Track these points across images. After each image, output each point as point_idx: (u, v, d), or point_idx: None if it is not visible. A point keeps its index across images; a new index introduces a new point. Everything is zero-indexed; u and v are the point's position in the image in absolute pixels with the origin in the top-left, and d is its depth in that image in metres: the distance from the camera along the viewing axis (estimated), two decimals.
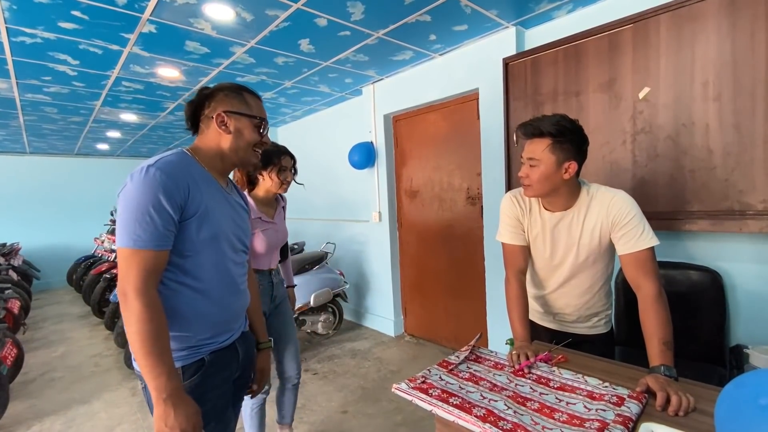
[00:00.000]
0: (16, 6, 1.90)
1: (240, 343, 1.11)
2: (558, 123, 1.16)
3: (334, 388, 2.67)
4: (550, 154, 1.17)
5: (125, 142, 5.69)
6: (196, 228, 0.95)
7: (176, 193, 0.90)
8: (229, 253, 1.04)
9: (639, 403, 0.89)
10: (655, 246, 1.14)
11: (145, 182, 0.87)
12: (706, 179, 1.66)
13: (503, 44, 2.46)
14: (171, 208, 0.89)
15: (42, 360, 3.41)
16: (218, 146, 1.03)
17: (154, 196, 0.87)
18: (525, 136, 1.22)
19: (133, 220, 0.86)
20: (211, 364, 1.00)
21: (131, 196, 0.87)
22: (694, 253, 1.89)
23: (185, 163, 0.97)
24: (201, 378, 0.98)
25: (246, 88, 1.07)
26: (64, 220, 6.61)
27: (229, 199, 1.07)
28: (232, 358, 1.08)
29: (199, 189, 0.95)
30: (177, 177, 0.91)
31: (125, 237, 0.86)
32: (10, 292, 3.64)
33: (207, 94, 1.04)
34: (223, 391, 1.05)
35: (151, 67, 2.78)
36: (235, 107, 1.02)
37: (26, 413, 2.53)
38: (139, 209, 0.86)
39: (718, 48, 1.59)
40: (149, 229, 0.86)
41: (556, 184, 1.20)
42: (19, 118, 4.08)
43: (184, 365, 0.97)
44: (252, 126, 1.05)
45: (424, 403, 0.96)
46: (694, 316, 1.77)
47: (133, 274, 0.86)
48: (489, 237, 2.73)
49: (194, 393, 0.95)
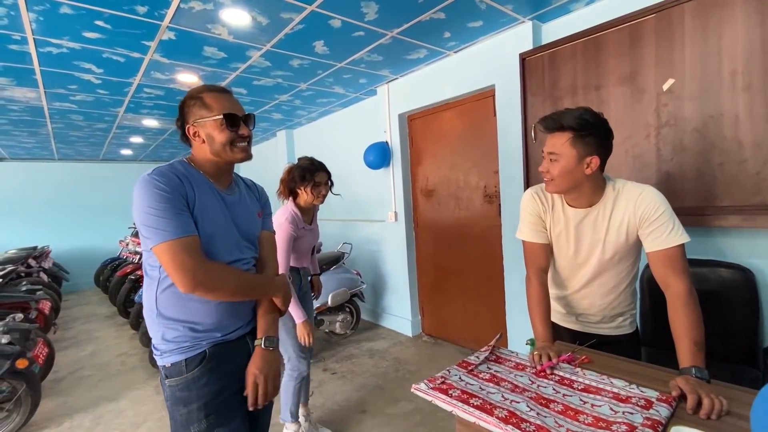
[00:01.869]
0: (42, 18, 1.97)
1: (251, 336, 1.14)
2: (580, 117, 1.13)
3: (353, 388, 2.67)
4: (571, 148, 1.13)
5: (147, 147, 5.85)
6: (197, 223, 1.00)
7: (178, 188, 0.97)
8: (229, 250, 1.08)
9: (668, 406, 0.85)
10: (686, 243, 1.10)
11: (158, 186, 0.94)
12: (737, 173, 1.59)
13: (519, 39, 2.42)
14: (180, 203, 0.96)
15: (71, 359, 3.54)
16: (205, 155, 1.07)
17: (164, 196, 0.94)
18: (546, 130, 1.19)
19: (159, 217, 0.92)
20: (212, 356, 1.03)
21: (142, 203, 0.93)
22: (724, 249, 1.82)
23: (180, 168, 1.03)
24: (202, 371, 1.01)
25: (207, 88, 1.07)
26: (90, 223, 6.85)
27: (226, 200, 1.10)
28: (240, 353, 1.10)
29: (193, 189, 1.01)
30: (171, 177, 0.98)
31: (159, 234, 0.92)
32: (42, 293, 3.79)
33: (179, 109, 1.08)
34: (227, 384, 1.06)
35: (170, 73, 2.85)
36: (198, 115, 1.04)
37: (57, 410, 2.63)
38: (158, 209, 0.93)
39: (746, 36, 1.52)
40: (180, 220, 0.94)
41: (577, 179, 1.17)
42: (47, 126, 4.25)
43: (187, 358, 1.01)
44: (219, 126, 1.03)
45: (444, 403, 0.95)
46: (726, 315, 1.70)
47: (186, 261, 0.93)
48: (507, 235, 2.69)
49: (196, 385, 1.00)
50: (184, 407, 1.01)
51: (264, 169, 5.55)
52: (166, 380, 1.02)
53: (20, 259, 4.67)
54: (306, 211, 1.99)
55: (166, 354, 1.02)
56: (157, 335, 1.03)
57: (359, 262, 4.19)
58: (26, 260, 4.82)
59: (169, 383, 1.02)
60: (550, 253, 1.33)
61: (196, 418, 1.01)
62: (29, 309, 3.38)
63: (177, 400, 1.02)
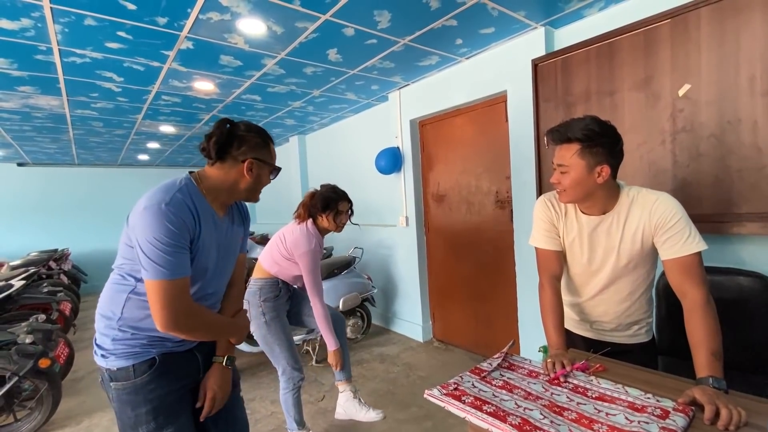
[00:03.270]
0: (68, 29, 2.05)
1: (199, 350, 1.16)
2: (586, 127, 1.13)
3: (364, 393, 2.67)
4: (580, 159, 1.13)
5: (163, 152, 5.99)
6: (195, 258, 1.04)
7: (188, 224, 1.00)
8: (211, 278, 1.14)
9: (686, 417, 0.84)
10: (703, 251, 1.09)
11: (168, 218, 0.96)
12: (756, 179, 1.56)
13: (532, 45, 2.42)
14: (185, 240, 1.00)
15: (90, 359, 3.60)
16: (235, 183, 1.12)
17: (173, 232, 0.96)
18: (554, 142, 1.19)
19: (161, 254, 0.95)
20: (162, 363, 1.06)
21: (148, 233, 0.94)
22: (743, 257, 1.78)
23: (190, 196, 1.04)
24: (151, 376, 1.04)
25: (271, 138, 1.19)
26: (108, 226, 7.01)
27: (220, 228, 1.14)
28: (188, 365, 1.14)
29: (199, 224, 1.04)
30: (186, 212, 1.00)
31: (157, 270, 0.95)
32: (62, 295, 3.89)
33: (238, 135, 1.11)
34: (173, 389, 1.08)
35: (188, 81, 2.93)
36: (263, 156, 1.15)
37: (76, 409, 2.69)
38: (164, 244, 0.95)
39: (765, 40, 1.50)
40: (180, 260, 0.97)
41: (589, 188, 1.17)
42: (69, 133, 4.38)
43: (135, 363, 1.03)
44: (269, 173, 1.19)
45: (457, 409, 0.95)
46: (744, 324, 1.66)
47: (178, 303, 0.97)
48: (519, 241, 2.67)
49: (143, 389, 1.02)
50: (132, 410, 1.03)
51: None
52: (111, 383, 1.03)
53: (42, 261, 4.80)
54: (323, 235, 2.05)
55: (113, 357, 1.03)
56: (106, 337, 1.04)
57: (370, 267, 4.20)
58: (47, 262, 4.96)
59: (115, 386, 1.03)
60: (564, 260, 1.32)
61: (144, 420, 1.03)
62: (50, 310, 3.47)
63: (124, 403, 1.03)
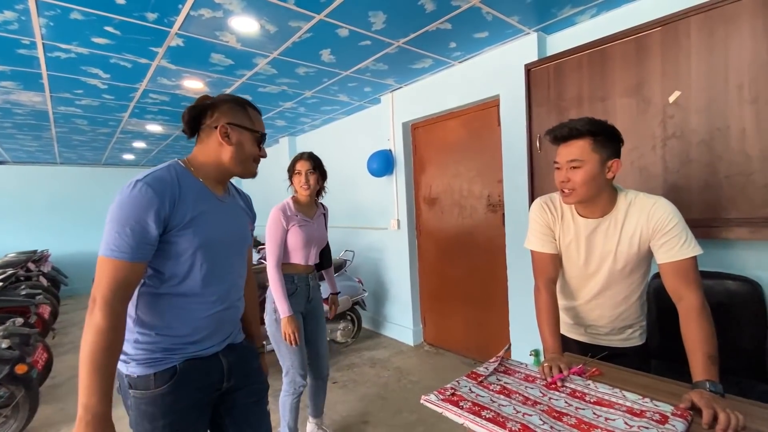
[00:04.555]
0: (53, 23, 1.99)
1: (225, 354, 1.10)
2: (592, 122, 1.14)
3: (355, 398, 2.64)
4: (593, 153, 1.13)
5: (150, 152, 5.86)
6: (182, 239, 0.97)
7: (160, 207, 0.92)
8: (223, 262, 1.07)
9: (685, 421, 0.84)
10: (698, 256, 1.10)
11: (131, 197, 0.90)
12: (744, 185, 1.59)
13: (525, 50, 2.44)
14: (153, 222, 0.91)
15: (70, 364, 3.50)
16: (218, 157, 1.05)
17: (137, 211, 0.89)
18: (559, 140, 1.18)
19: (113, 231, 0.89)
20: (183, 372, 1.00)
21: (116, 208, 0.90)
22: (731, 262, 1.81)
23: (175, 176, 0.99)
24: (171, 387, 0.98)
25: (249, 103, 1.11)
26: (90, 227, 6.83)
27: (223, 207, 1.09)
28: (213, 369, 1.07)
29: (184, 201, 0.98)
30: (162, 192, 0.93)
31: (104, 247, 0.89)
32: (41, 297, 3.76)
33: (210, 103, 1.06)
34: (194, 402, 1.03)
35: (177, 80, 2.87)
36: (238, 120, 1.05)
37: (55, 416, 2.59)
38: (120, 222, 0.89)
39: (753, 49, 1.53)
40: (127, 242, 0.89)
41: (600, 185, 1.16)
42: (51, 130, 4.26)
43: (156, 372, 0.97)
44: (253, 140, 1.08)
45: (455, 415, 0.93)
46: (733, 328, 1.69)
47: (105, 284, 0.88)
48: (511, 245, 2.68)
49: (162, 401, 0.97)
50: (149, 423, 0.98)
51: (266, 176, 5.53)
52: (130, 390, 0.98)
53: (20, 262, 4.65)
54: (304, 205, 1.97)
55: (134, 363, 0.98)
56: (127, 341, 0.98)
57: (361, 270, 4.17)
58: (26, 264, 4.79)
59: (134, 394, 0.98)
60: (560, 263, 1.32)
61: None
62: (29, 313, 3.35)
63: (142, 414, 0.99)
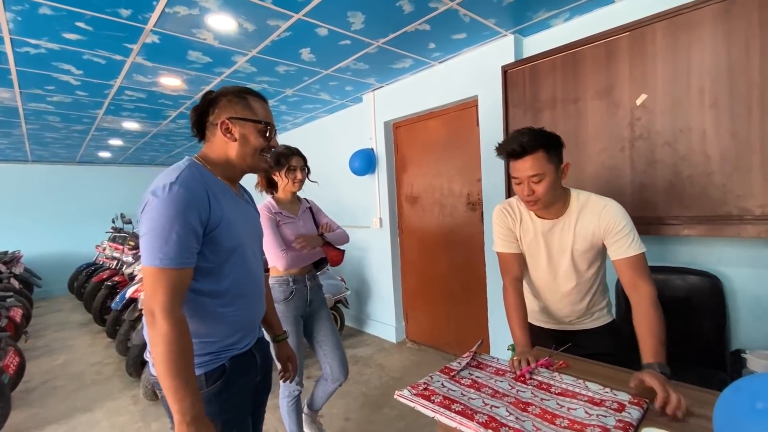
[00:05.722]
0: (20, 18, 1.93)
1: (257, 349, 1.12)
2: (539, 134, 1.22)
3: (336, 396, 2.66)
4: (549, 163, 1.21)
5: (127, 149, 5.73)
6: (220, 239, 0.95)
7: (201, 208, 0.90)
8: (251, 259, 1.06)
9: (640, 409, 0.89)
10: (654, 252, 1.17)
11: (170, 201, 0.86)
12: (704, 184, 1.67)
13: (502, 52, 2.49)
14: (196, 225, 0.89)
15: (43, 368, 3.41)
16: (226, 154, 1.02)
17: (180, 215, 0.86)
18: (514, 156, 1.22)
19: (159, 238, 0.85)
20: (232, 370, 1.01)
21: (156, 215, 0.86)
22: (693, 257, 1.90)
23: (201, 174, 0.96)
24: (223, 384, 0.99)
25: (251, 91, 1.05)
26: (65, 227, 6.63)
27: (242, 205, 1.09)
28: (251, 364, 1.09)
29: (217, 200, 0.95)
30: (199, 192, 0.91)
31: (151, 256, 0.86)
32: (12, 300, 3.65)
33: (211, 99, 1.02)
34: (243, 398, 1.06)
35: (153, 77, 2.81)
36: (238, 113, 1.00)
37: (28, 422, 2.53)
38: (165, 228, 0.85)
39: (713, 55, 1.61)
40: (175, 248, 0.86)
41: (558, 189, 1.26)
42: (21, 127, 4.11)
43: (207, 372, 0.97)
44: (257, 131, 1.03)
45: (426, 409, 0.96)
46: (694, 320, 1.78)
47: (161, 294, 0.85)
48: (490, 242, 2.74)
49: (217, 399, 0.97)
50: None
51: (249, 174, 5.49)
52: None
53: None
54: (287, 202, 1.92)
55: None
56: None
57: (344, 269, 4.18)
58: None
59: None
60: (524, 262, 1.40)
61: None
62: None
63: None
